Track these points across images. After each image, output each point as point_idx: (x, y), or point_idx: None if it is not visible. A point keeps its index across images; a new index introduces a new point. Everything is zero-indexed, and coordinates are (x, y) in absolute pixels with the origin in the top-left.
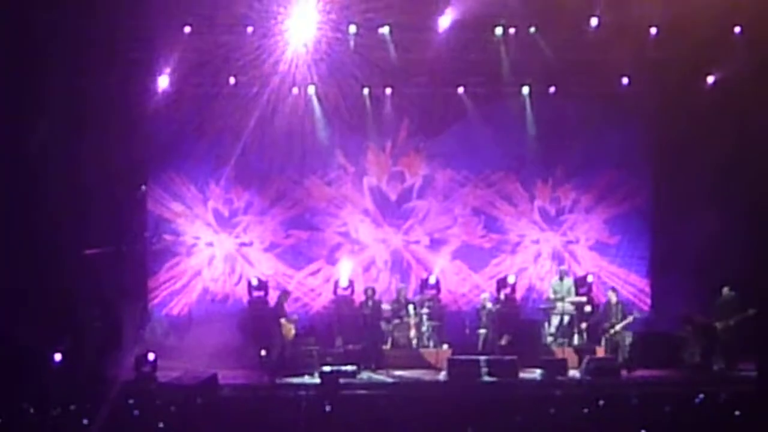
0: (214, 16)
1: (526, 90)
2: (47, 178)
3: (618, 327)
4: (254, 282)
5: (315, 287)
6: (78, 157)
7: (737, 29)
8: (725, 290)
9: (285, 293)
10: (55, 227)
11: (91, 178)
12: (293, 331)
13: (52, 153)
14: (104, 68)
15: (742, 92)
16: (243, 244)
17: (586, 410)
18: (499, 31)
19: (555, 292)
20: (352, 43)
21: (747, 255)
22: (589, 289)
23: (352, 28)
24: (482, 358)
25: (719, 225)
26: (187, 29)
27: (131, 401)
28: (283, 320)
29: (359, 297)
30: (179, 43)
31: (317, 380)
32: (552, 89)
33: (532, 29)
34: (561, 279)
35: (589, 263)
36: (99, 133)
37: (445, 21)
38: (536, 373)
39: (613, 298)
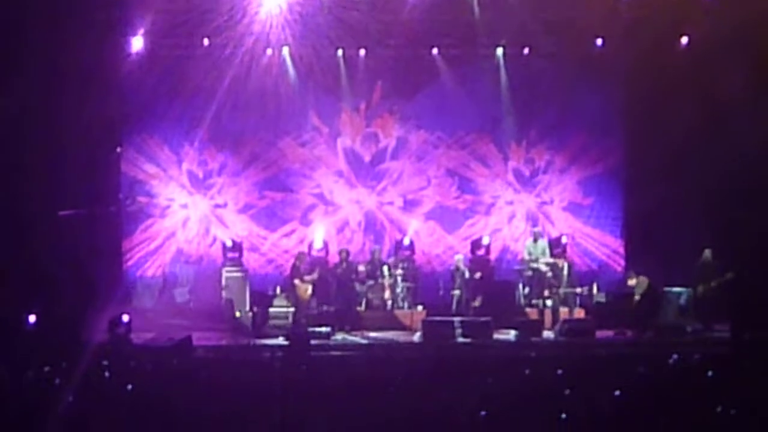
0: None
1: (500, 51)
2: (20, 140)
3: (562, 291)
4: (228, 243)
5: (289, 249)
6: (51, 119)
7: None
8: (706, 252)
9: (301, 255)
10: (29, 189)
11: (65, 139)
12: (309, 292)
13: (25, 115)
14: (78, 30)
15: (714, 54)
16: (217, 206)
17: (560, 371)
18: None
19: (529, 254)
20: (326, 3)
21: (722, 216)
22: (563, 250)
23: None
24: (456, 319)
25: (692, 186)
26: None
27: (105, 363)
28: (297, 281)
29: (333, 258)
30: (153, 4)
31: (281, 341)
32: (526, 50)
33: None
34: (535, 240)
35: (563, 224)
36: (72, 95)
37: None
38: (510, 335)
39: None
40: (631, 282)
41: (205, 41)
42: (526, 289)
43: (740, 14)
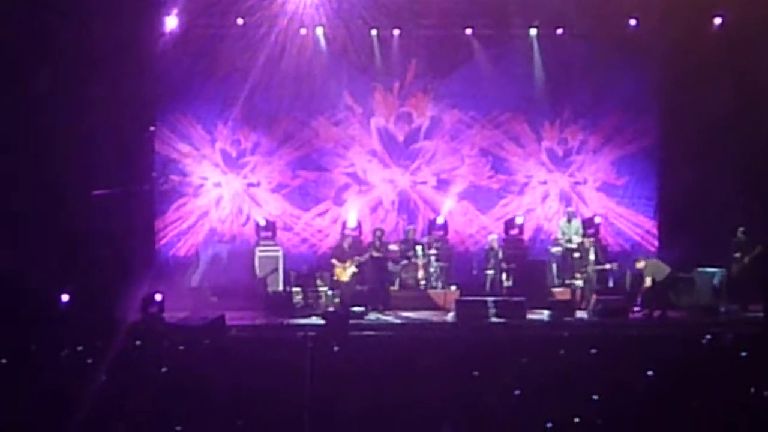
0: None
1: (533, 32)
2: (55, 119)
3: (590, 269)
4: (262, 222)
5: (322, 228)
6: (85, 98)
7: None
8: (740, 231)
9: (346, 237)
10: (64, 168)
11: (99, 119)
12: (350, 274)
13: (60, 94)
14: (111, 9)
15: (748, 34)
16: (250, 185)
17: (593, 351)
18: None
19: (563, 233)
20: None
21: (755, 196)
22: (597, 231)
23: None
24: (490, 299)
25: (726, 166)
26: None
27: (138, 342)
28: (336, 262)
29: (367, 238)
30: None
31: (319, 321)
32: (560, 31)
33: None
34: (569, 221)
35: (596, 204)
36: (107, 74)
37: None
38: (544, 315)
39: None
40: (639, 265)
41: (239, 21)
42: (560, 269)
43: None
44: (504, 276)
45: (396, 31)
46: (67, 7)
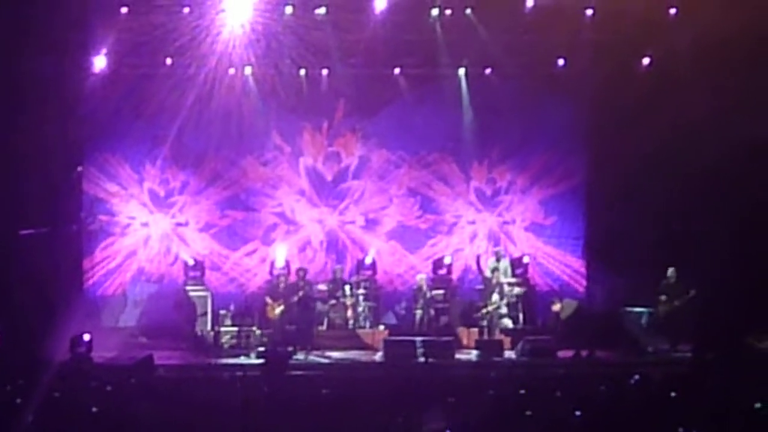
0: None
1: (462, 71)
2: None
3: (490, 308)
4: (190, 262)
5: (251, 268)
6: (12, 137)
7: (672, 11)
8: (670, 271)
9: (281, 276)
10: None
11: (26, 158)
12: (278, 313)
13: None
14: (40, 48)
15: (677, 74)
16: (179, 224)
17: (522, 391)
18: (435, 12)
19: (492, 272)
20: (288, 24)
21: (685, 235)
22: (525, 270)
23: (289, 9)
24: (418, 339)
25: (655, 206)
26: (124, 9)
27: (66, 382)
28: (269, 300)
29: (291, 277)
30: (116, 23)
31: (254, 360)
32: (488, 70)
33: (468, 10)
34: (498, 260)
35: (525, 244)
36: (34, 113)
37: (381, 2)
38: (472, 354)
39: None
40: (555, 308)
41: (168, 60)
42: (487, 309)
43: (701, 33)
44: (433, 315)
45: (324, 71)
46: None
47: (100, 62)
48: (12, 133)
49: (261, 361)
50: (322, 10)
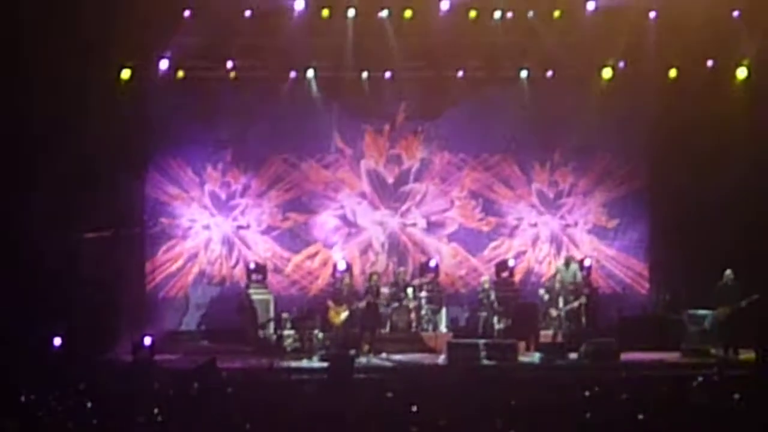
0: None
1: (524, 73)
2: (46, 160)
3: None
4: (252, 265)
5: (312, 270)
6: (78, 141)
7: (736, 13)
8: (727, 273)
9: (344, 280)
10: (55, 211)
11: (90, 161)
12: (342, 318)
13: (52, 138)
14: (105, 51)
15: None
16: (240, 227)
17: (586, 393)
18: (497, 14)
19: (558, 276)
20: (351, 26)
21: (746, 238)
22: (588, 274)
23: (351, 12)
24: (481, 341)
25: (718, 209)
26: (187, 13)
27: (129, 385)
28: (331, 304)
29: (359, 281)
30: (179, 26)
31: (318, 364)
32: (549, 73)
33: (530, 13)
34: (567, 265)
35: (587, 247)
36: (99, 117)
37: (444, 5)
38: (535, 357)
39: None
40: None
41: (229, 64)
42: (552, 312)
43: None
44: (496, 318)
45: (387, 73)
46: (57, 49)
47: (163, 65)
48: (77, 136)
49: (324, 364)
50: (384, 13)
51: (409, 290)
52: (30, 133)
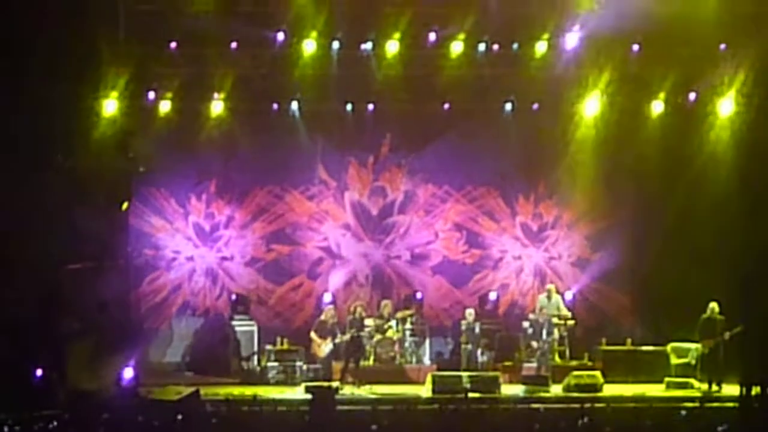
0: (199, 32)
1: (509, 106)
2: (30, 191)
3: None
4: (235, 296)
5: (296, 302)
6: (59, 174)
7: (722, 46)
8: (711, 305)
9: (329, 313)
10: (37, 243)
11: (79, 192)
12: (325, 350)
13: (36, 167)
14: (89, 83)
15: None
16: (224, 259)
17: (567, 425)
18: (482, 47)
19: (541, 309)
20: (335, 58)
21: (731, 270)
22: (571, 305)
23: (335, 44)
24: (465, 374)
25: (702, 242)
26: (173, 44)
27: (112, 416)
28: (314, 336)
29: (343, 312)
30: (165, 59)
31: (300, 396)
32: (535, 106)
33: (515, 45)
34: (549, 297)
35: (571, 279)
36: (86, 148)
37: (431, 37)
38: (519, 389)
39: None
40: None
41: (215, 95)
42: (535, 344)
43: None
44: (479, 351)
45: (371, 106)
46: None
47: (149, 98)
48: (58, 170)
49: (308, 396)
50: (368, 45)
51: (393, 322)
52: (15, 166)
